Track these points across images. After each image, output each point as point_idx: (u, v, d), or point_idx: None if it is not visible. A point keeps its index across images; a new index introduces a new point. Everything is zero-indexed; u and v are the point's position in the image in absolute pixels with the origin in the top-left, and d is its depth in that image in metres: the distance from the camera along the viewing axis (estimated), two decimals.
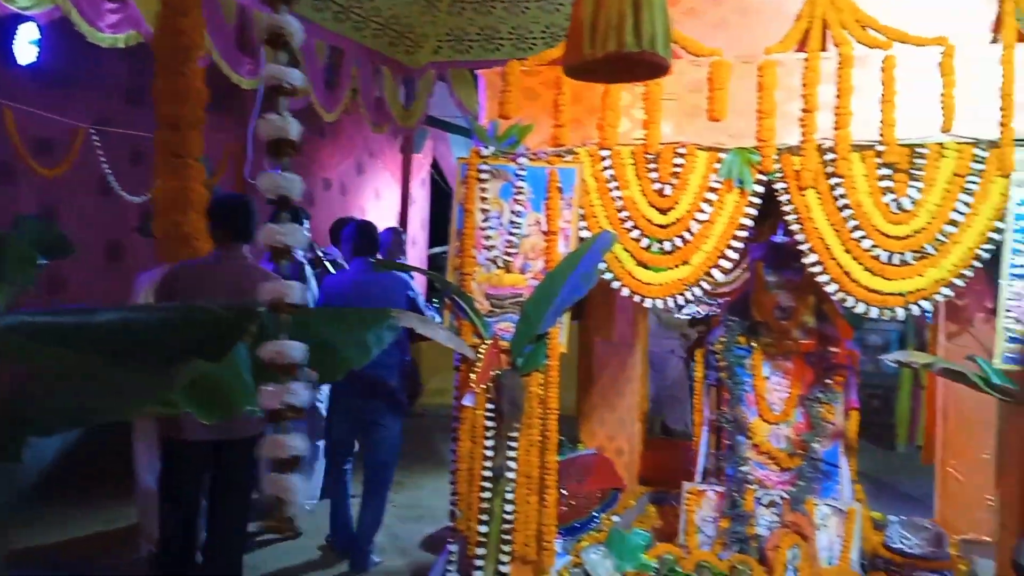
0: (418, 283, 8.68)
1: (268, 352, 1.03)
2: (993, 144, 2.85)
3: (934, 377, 4.56)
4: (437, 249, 10.15)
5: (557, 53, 3.59)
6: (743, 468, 3.70)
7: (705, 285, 3.23)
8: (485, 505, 3.35)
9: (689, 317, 5.39)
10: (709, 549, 3.67)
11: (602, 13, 1.46)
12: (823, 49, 3.17)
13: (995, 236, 2.86)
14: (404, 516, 5.17)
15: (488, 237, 3.42)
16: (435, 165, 10.26)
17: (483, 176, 3.42)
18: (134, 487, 4.32)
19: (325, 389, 4.91)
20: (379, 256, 5.07)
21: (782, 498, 3.59)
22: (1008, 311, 2.78)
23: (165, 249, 4.25)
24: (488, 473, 3.35)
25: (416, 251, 9.62)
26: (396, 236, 6.00)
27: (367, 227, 5.01)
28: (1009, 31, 2.88)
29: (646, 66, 1.50)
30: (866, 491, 3.93)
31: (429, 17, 6.86)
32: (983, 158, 2.86)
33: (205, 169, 4.16)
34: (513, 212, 3.40)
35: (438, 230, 10.28)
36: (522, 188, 3.38)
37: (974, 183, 2.87)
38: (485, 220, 3.42)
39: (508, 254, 3.40)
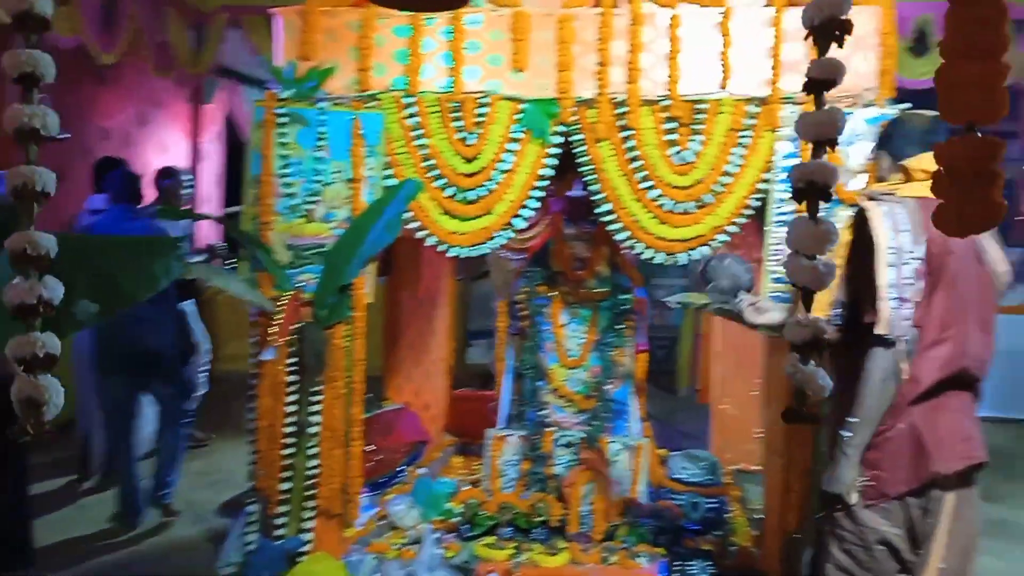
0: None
1: (17, 242, 0.92)
2: (763, 101, 3.12)
3: (711, 324, 4.99)
4: (233, 208, 9.60)
5: None
6: (542, 412, 3.86)
7: (509, 233, 3.29)
8: (288, 462, 3.26)
9: None
10: (512, 491, 3.80)
11: None
12: (615, 5, 3.30)
13: (763, 187, 3.14)
14: (199, 483, 4.92)
15: (288, 184, 3.28)
16: (231, 120, 9.68)
17: (281, 120, 3.27)
18: None
19: None
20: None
21: (578, 438, 3.79)
22: (772, 255, 3.07)
23: None
24: (291, 429, 3.26)
25: (210, 209, 9.07)
26: (174, 179, 5.20)
27: (130, 173, 4.66)
28: None
29: None
30: (653, 431, 4.23)
31: None
32: (755, 114, 3.12)
33: None
34: (315, 159, 3.28)
35: (234, 188, 9.73)
36: (324, 134, 3.28)
37: (747, 137, 3.13)
38: (284, 167, 3.29)
39: (310, 202, 3.29)
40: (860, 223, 2.12)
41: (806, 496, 2.95)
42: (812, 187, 1.08)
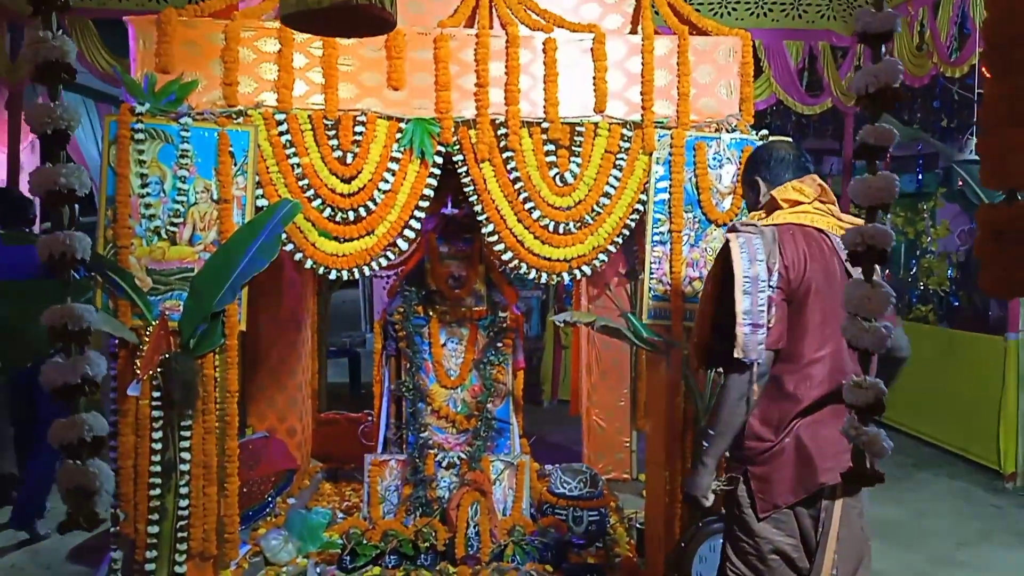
0: None
1: (55, 317, 0.79)
2: (637, 125, 3.23)
3: (579, 337, 5.12)
4: (48, 224, 8.74)
5: (220, 4, 3.31)
6: (423, 434, 3.79)
7: (390, 255, 3.22)
8: (155, 503, 3.02)
9: None
10: (394, 517, 3.71)
11: None
12: (491, 27, 3.32)
13: (639, 207, 3.25)
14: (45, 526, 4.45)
15: (148, 205, 3.05)
16: None
17: (138, 136, 3.03)
18: None
19: None
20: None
21: (460, 459, 3.76)
22: (652, 274, 3.18)
23: None
24: (157, 468, 3.02)
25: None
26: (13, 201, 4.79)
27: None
28: (648, 23, 3.27)
29: (371, 20, 1.43)
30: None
31: None
32: (630, 137, 3.23)
33: None
34: (177, 177, 3.07)
35: None
36: (187, 151, 3.07)
37: (623, 160, 3.23)
38: (143, 186, 3.05)
39: (173, 224, 3.07)
40: (724, 256, 2.25)
41: (688, 506, 3.07)
42: (871, 251, 1.06)
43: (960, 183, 7.99)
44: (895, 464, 5.60)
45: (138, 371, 2.92)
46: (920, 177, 8.76)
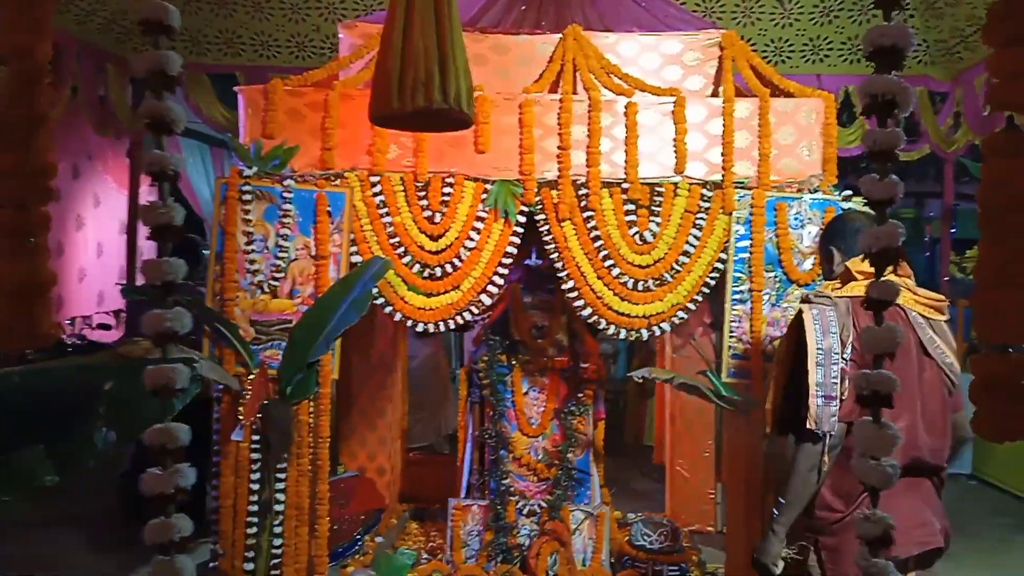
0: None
1: (155, 437, 0.95)
2: (717, 185, 3.28)
3: (662, 386, 5.12)
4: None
5: (322, 75, 3.55)
6: (505, 481, 3.89)
7: (474, 309, 3.36)
8: (251, 542, 3.21)
9: None
10: (475, 562, 3.81)
11: (410, 69, 1.50)
12: (574, 91, 3.44)
13: (719, 266, 3.29)
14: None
15: (252, 261, 3.29)
16: None
17: (246, 197, 3.29)
18: None
19: None
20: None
21: (541, 507, 3.83)
22: (732, 332, 3.21)
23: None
24: (254, 508, 3.22)
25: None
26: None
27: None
28: (729, 87, 3.34)
29: (450, 119, 1.57)
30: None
31: None
32: (709, 197, 3.28)
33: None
34: (279, 235, 3.30)
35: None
36: (289, 211, 3.30)
37: (702, 219, 3.28)
38: (248, 243, 3.29)
39: (274, 278, 3.30)
40: (797, 325, 2.28)
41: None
42: (876, 396, 1.08)
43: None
44: (992, 526, 5.33)
45: (241, 417, 3.14)
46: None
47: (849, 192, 3.22)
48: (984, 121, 5.12)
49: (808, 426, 2.18)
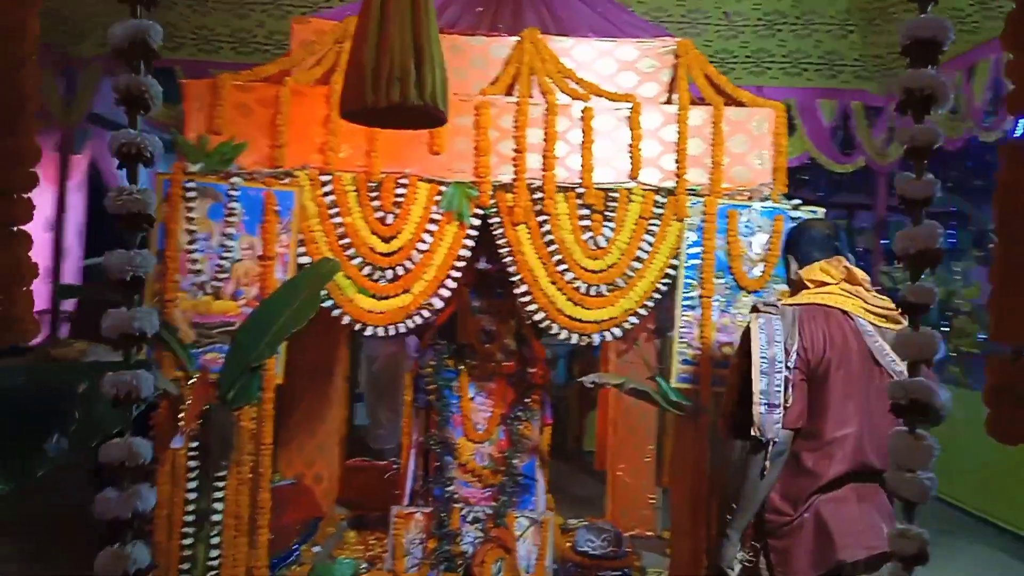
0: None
1: (112, 453, 0.86)
2: (670, 192, 3.30)
3: (606, 391, 5.14)
4: (93, 260, 8.96)
5: (272, 70, 3.45)
6: (449, 488, 3.83)
7: (425, 313, 3.30)
8: (187, 552, 3.08)
9: None
10: (417, 571, 3.74)
11: (384, 63, 1.44)
12: (530, 95, 3.42)
13: (671, 272, 3.31)
14: None
15: (195, 261, 3.16)
16: (93, 165, 9.12)
17: (189, 194, 3.16)
18: None
19: None
20: None
21: (485, 514, 3.78)
22: (682, 337, 3.23)
23: None
24: (190, 518, 3.09)
25: (71, 262, 8.47)
26: None
27: None
28: (683, 94, 3.36)
29: (425, 117, 1.52)
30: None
31: (100, 7, 6.12)
32: (663, 204, 3.30)
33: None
34: (224, 235, 3.18)
35: (95, 238, 9.09)
36: (234, 209, 3.18)
37: (655, 225, 3.30)
38: (191, 242, 3.16)
39: (217, 279, 3.17)
40: (746, 334, 2.32)
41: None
42: (914, 405, 1.07)
43: (991, 246, 7.96)
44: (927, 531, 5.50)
45: (180, 423, 3.01)
46: (955, 236, 8.75)
47: (799, 201, 3.28)
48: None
49: (752, 433, 2.21)
